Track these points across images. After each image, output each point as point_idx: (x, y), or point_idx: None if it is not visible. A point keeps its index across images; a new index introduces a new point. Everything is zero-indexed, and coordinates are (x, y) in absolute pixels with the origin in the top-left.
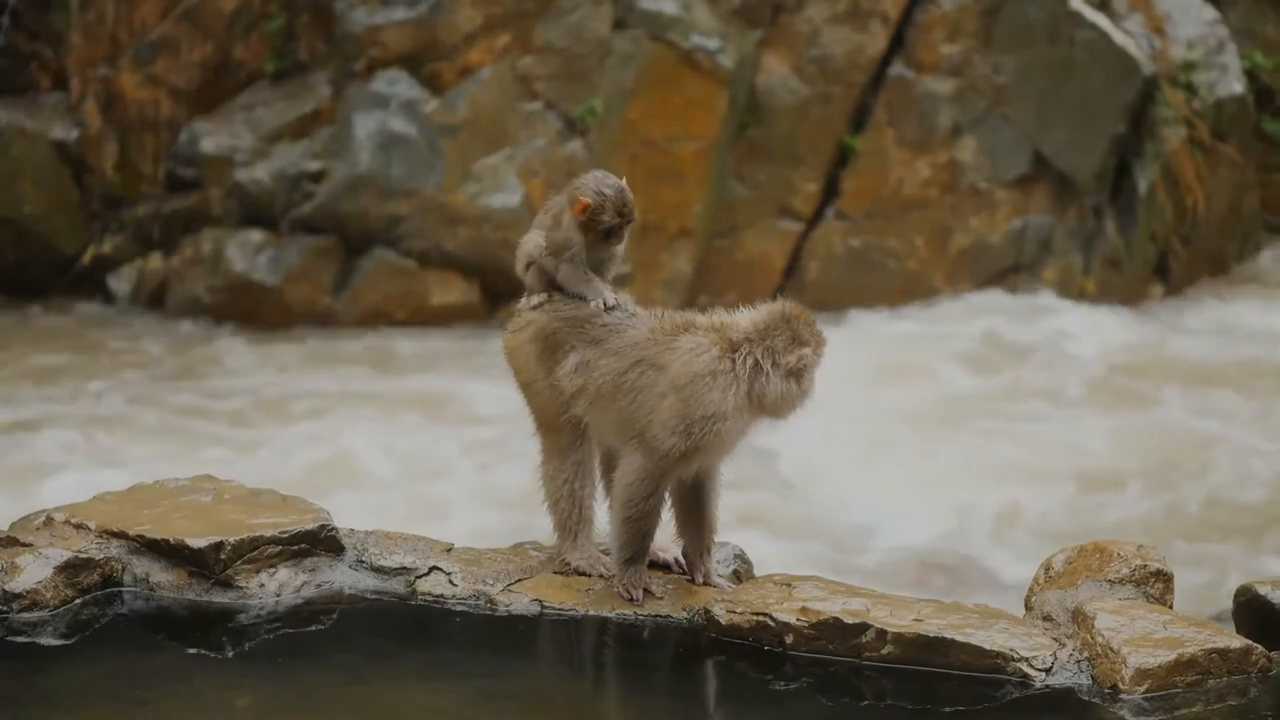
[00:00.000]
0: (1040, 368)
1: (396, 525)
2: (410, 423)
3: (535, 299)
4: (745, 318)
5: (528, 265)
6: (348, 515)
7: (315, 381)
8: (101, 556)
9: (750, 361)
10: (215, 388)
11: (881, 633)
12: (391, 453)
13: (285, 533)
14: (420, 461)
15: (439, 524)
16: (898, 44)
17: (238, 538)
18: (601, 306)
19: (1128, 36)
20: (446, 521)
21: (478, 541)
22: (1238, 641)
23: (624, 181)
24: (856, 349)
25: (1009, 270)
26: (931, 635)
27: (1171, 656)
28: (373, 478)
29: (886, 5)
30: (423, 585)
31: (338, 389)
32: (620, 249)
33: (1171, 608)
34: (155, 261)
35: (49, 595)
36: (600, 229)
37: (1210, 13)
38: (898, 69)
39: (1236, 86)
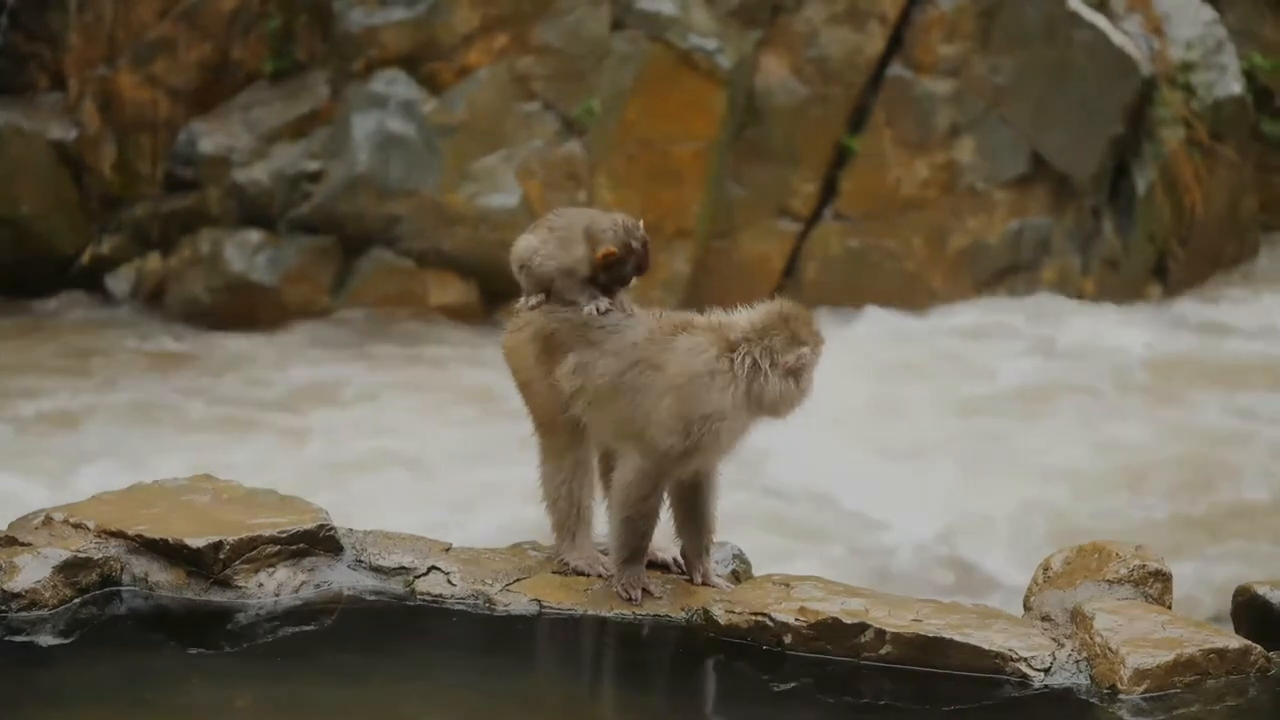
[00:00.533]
0: (1038, 369)
1: (439, 517)
2: (458, 417)
3: (533, 299)
4: (743, 317)
5: (520, 268)
6: (394, 505)
7: (341, 376)
8: (100, 556)
9: (748, 361)
10: (240, 383)
11: (880, 633)
12: (434, 445)
13: (284, 532)
14: (464, 454)
15: (480, 516)
16: (896, 44)
17: (236, 537)
18: (594, 311)
19: (1126, 37)
20: (487, 515)
21: (517, 536)
22: (1236, 642)
23: (642, 227)
24: (854, 349)
25: (1007, 271)
26: (930, 635)
27: (1170, 657)
28: (417, 467)
29: (885, 6)
30: (421, 585)
31: (370, 383)
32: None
33: (1170, 608)
34: (153, 261)
35: (48, 595)
36: (614, 274)
37: (1209, 13)
38: (896, 69)
39: (1235, 87)
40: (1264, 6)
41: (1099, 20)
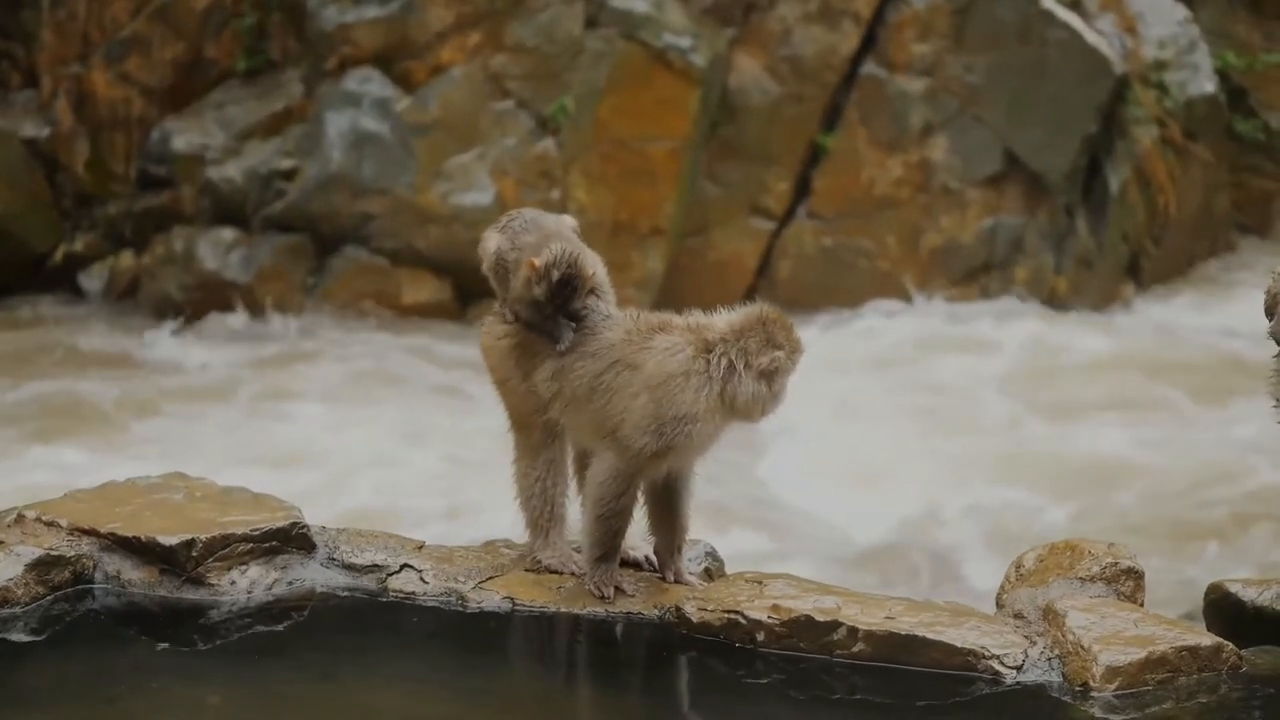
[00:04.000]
0: (1012, 367)
1: (448, 509)
2: (428, 413)
3: (509, 313)
4: (722, 319)
5: (490, 270)
6: (407, 499)
7: (313, 375)
8: (73, 554)
9: (724, 363)
10: (210, 380)
11: (853, 630)
12: (448, 439)
13: (256, 530)
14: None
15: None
16: (869, 43)
17: (209, 535)
18: (559, 349)
19: (1099, 36)
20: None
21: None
22: (1208, 639)
23: (577, 268)
24: (827, 348)
25: (980, 270)
26: (903, 633)
27: (1142, 654)
28: (388, 464)
29: (858, 4)
30: (394, 583)
31: (343, 382)
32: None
33: (1142, 605)
34: (126, 259)
35: (20, 592)
36: (532, 295)
37: (1182, 12)
38: (869, 68)
39: (1208, 86)
40: (1237, 5)
41: (1072, 19)
